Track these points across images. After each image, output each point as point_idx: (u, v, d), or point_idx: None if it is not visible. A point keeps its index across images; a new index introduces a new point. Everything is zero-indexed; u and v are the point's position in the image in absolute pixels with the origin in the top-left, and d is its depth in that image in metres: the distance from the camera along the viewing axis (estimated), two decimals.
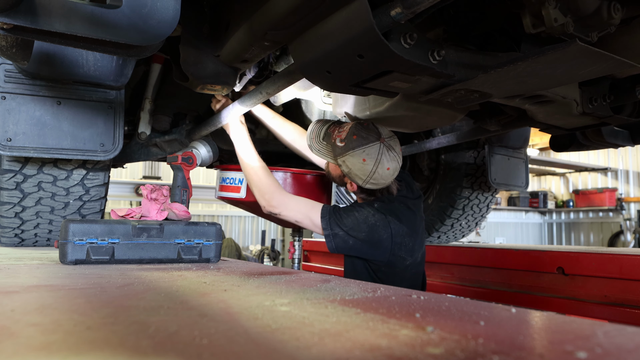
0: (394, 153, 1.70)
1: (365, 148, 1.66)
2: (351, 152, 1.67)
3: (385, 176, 1.70)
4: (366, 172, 1.68)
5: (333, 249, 1.74)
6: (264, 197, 1.81)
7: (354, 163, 1.68)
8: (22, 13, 0.86)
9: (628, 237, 9.97)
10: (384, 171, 1.68)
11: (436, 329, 0.63)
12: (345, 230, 1.69)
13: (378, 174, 1.68)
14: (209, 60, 1.53)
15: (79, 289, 0.91)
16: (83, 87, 1.68)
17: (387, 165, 1.68)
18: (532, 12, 1.02)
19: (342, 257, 1.95)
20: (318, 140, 1.81)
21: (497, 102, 1.52)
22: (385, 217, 1.70)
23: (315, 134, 1.83)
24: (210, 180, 8.58)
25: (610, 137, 2.00)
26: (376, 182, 1.71)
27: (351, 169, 1.70)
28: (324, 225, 1.72)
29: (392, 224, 1.69)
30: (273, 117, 2.11)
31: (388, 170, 1.69)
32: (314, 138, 1.82)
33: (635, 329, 0.62)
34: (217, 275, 1.18)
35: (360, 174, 1.69)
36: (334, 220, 1.71)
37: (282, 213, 1.80)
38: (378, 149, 1.66)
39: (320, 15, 1.01)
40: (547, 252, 2.19)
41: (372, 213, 1.70)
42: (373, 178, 1.69)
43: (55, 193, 1.85)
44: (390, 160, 1.68)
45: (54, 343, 0.53)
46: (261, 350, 0.52)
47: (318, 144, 1.81)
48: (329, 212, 1.74)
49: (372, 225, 1.68)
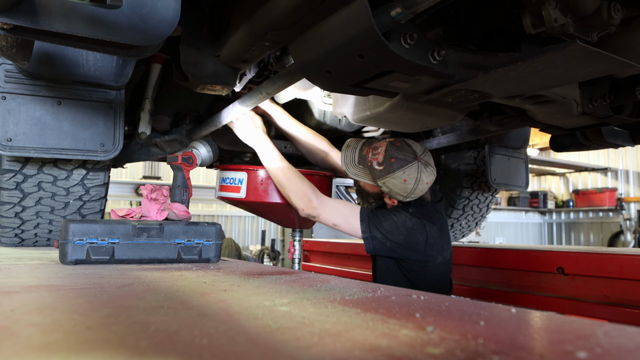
0: (430, 168, 1.77)
1: (405, 169, 1.72)
2: (391, 174, 1.73)
3: (424, 189, 1.79)
4: (407, 190, 1.75)
5: (371, 251, 1.79)
6: (302, 201, 1.81)
7: (395, 184, 1.74)
8: (22, 13, 0.86)
9: (628, 237, 9.97)
10: (424, 186, 1.76)
11: (436, 329, 0.63)
12: (384, 233, 1.75)
13: (418, 189, 1.76)
14: (209, 60, 1.53)
15: (79, 289, 0.91)
16: (83, 87, 1.68)
17: (425, 180, 1.76)
18: (532, 12, 1.02)
19: (343, 257, 1.96)
20: (354, 164, 1.85)
21: (497, 102, 1.52)
22: (420, 221, 1.76)
23: (349, 158, 1.87)
24: (210, 180, 8.58)
25: (610, 137, 2.00)
26: (416, 196, 1.79)
27: (392, 189, 1.76)
28: (363, 229, 1.77)
29: (428, 227, 1.76)
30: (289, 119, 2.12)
31: (427, 184, 1.77)
32: (349, 163, 1.86)
33: (635, 329, 0.62)
34: (217, 275, 1.18)
35: (401, 192, 1.76)
36: (373, 223, 1.76)
37: (320, 215, 1.82)
38: (417, 168, 1.73)
39: (320, 15, 1.01)
40: (547, 252, 2.19)
41: (409, 218, 1.76)
42: (414, 194, 1.77)
43: (55, 193, 1.85)
44: (428, 175, 1.76)
45: (54, 343, 0.53)
46: (261, 350, 0.52)
47: (354, 169, 1.85)
48: (367, 215, 1.79)
49: (409, 229, 1.74)
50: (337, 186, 2.51)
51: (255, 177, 2.03)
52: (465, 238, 3.71)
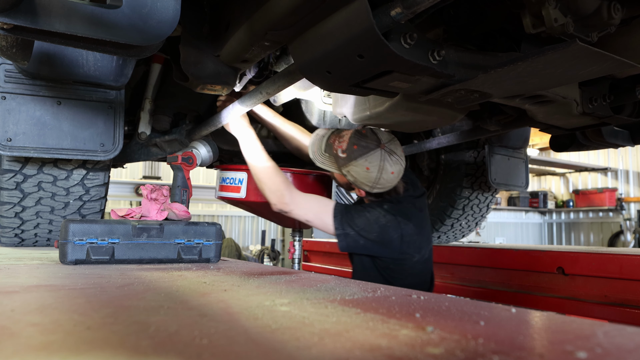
0: (395, 157, 1.72)
1: (367, 157, 1.69)
2: (354, 162, 1.70)
3: (391, 179, 1.73)
4: (371, 179, 1.71)
5: (344, 248, 1.76)
6: (275, 195, 1.79)
7: (358, 172, 1.71)
8: (22, 13, 0.86)
9: (628, 237, 9.97)
10: (389, 175, 1.71)
11: (436, 329, 0.63)
12: (357, 230, 1.72)
13: (383, 179, 1.71)
14: (209, 60, 1.53)
15: (79, 289, 0.91)
16: (83, 87, 1.68)
17: (390, 170, 1.71)
18: (532, 12, 1.02)
19: (343, 257, 1.95)
20: (320, 153, 1.84)
21: (497, 102, 1.52)
22: (395, 217, 1.73)
23: (317, 146, 1.85)
24: (210, 180, 8.58)
25: (610, 137, 2.00)
26: (382, 186, 1.74)
27: (356, 177, 1.73)
28: (336, 225, 1.74)
29: (402, 224, 1.73)
30: (274, 116, 2.11)
31: (392, 174, 1.72)
32: (316, 151, 1.85)
33: (635, 329, 0.62)
34: (217, 275, 1.18)
35: (365, 182, 1.73)
36: (346, 220, 1.74)
37: (293, 211, 1.79)
38: (379, 155, 1.69)
39: (320, 15, 1.01)
40: (547, 252, 2.19)
41: (383, 214, 1.73)
42: (379, 183, 1.72)
43: (55, 193, 1.85)
44: (393, 164, 1.71)
45: (54, 343, 0.53)
46: (261, 350, 0.52)
47: (321, 157, 1.83)
48: (340, 211, 1.76)
49: (383, 226, 1.71)
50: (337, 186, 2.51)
51: None
52: (465, 238, 3.71)
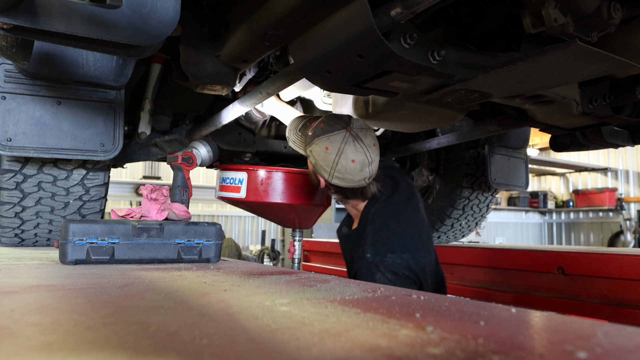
0: (360, 145, 1.56)
1: (330, 136, 1.56)
2: (316, 140, 1.59)
3: (351, 170, 1.57)
4: (329, 162, 1.57)
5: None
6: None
7: (318, 152, 1.58)
8: (22, 13, 0.86)
9: (628, 237, 9.97)
10: (348, 163, 1.55)
11: (436, 329, 0.63)
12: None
13: (342, 165, 1.55)
14: (209, 60, 1.53)
15: (79, 289, 0.91)
16: (83, 87, 1.68)
17: (351, 157, 1.55)
18: (532, 12, 1.02)
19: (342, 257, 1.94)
20: (295, 131, 1.74)
21: (497, 102, 1.52)
22: (407, 278, 1.57)
23: (294, 125, 1.77)
24: (210, 180, 8.58)
25: (610, 137, 2.00)
26: (342, 177, 1.59)
27: (317, 159, 1.60)
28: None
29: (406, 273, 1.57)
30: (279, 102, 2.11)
31: (353, 162, 1.55)
32: (292, 130, 1.75)
33: (635, 329, 0.62)
34: (217, 275, 1.18)
35: (324, 165, 1.59)
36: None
37: None
38: (342, 137, 1.55)
39: (320, 15, 1.01)
40: (547, 252, 2.19)
41: (392, 280, 1.54)
42: (337, 170, 1.57)
43: (55, 193, 1.85)
44: (355, 151, 1.55)
45: (54, 343, 0.53)
46: (261, 350, 0.52)
47: (294, 135, 1.74)
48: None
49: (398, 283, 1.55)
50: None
51: (255, 177, 2.03)
52: (465, 238, 3.71)
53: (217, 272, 1.25)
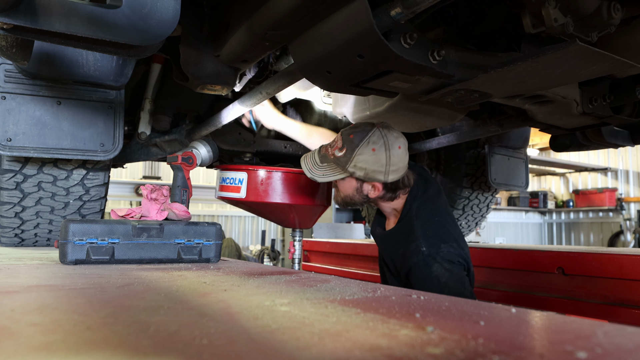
0: (394, 132, 1.59)
1: (369, 138, 1.55)
2: (357, 150, 1.56)
3: (401, 157, 1.59)
4: (382, 162, 1.56)
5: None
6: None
7: (366, 160, 1.56)
8: (22, 13, 0.86)
9: (628, 237, 9.97)
10: (397, 152, 1.57)
11: (436, 329, 0.63)
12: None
13: (394, 156, 1.57)
14: (209, 60, 1.53)
15: (79, 289, 0.91)
16: (83, 87, 1.68)
17: (397, 145, 1.57)
18: (532, 12, 1.03)
19: (343, 257, 1.94)
20: (318, 167, 1.69)
21: (497, 102, 1.52)
22: (460, 265, 1.59)
23: (311, 165, 1.70)
24: (210, 180, 8.58)
25: (610, 137, 2.00)
26: (396, 168, 1.59)
27: (367, 167, 1.58)
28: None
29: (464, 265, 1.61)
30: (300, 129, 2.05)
31: (400, 149, 1.58)
32: (313, 168, 1.69)
33: (635, 329, 0.62)
34: (217, 275, 1.18)
35: (377, 167, 1.57)
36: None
37: None
38: (379, 134, 1.56)
39: (320, 15, 1.01)
40: (547, 252, 2.19)
41: (449, 269, 1.55)
42: (392, 164, 1.57)
43: (55, 193, 1.85)
44: (396, 138, 1.58)
45: (54, 343, 0.53)
46: (261, 350, 0.52)
47: (320, 170, 1.68)
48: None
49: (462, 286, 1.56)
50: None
51: (255, 177, 2.03)
52: (466, 238, 3.71)
53: (217, 272, 1.25)
